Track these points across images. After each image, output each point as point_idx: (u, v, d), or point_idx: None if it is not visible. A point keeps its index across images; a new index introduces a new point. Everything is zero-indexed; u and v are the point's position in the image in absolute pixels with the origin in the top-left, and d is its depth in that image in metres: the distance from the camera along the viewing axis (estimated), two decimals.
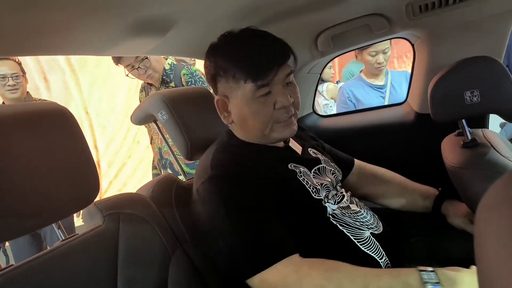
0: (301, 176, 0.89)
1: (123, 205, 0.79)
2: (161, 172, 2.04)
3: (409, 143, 1.45)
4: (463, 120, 0.95)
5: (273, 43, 0.85)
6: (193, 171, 1.88)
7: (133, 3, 0.70)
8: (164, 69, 1.87)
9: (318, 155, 1.02)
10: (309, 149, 1.03)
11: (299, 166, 0.91)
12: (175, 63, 1.90)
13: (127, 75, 1.86)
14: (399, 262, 0.88)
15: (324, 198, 0.88)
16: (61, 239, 0.71)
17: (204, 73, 1.84)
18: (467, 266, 0.85)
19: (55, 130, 0.66)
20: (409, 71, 1.53)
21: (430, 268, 0.69)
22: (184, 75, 1.83)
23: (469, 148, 0.94)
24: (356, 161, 1.22)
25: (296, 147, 1.00)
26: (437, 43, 1.25)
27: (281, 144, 0.98)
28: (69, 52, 0.91)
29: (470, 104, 0.88)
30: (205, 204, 0.81)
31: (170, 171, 1.95)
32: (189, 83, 1.81)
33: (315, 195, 0.87)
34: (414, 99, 1.42)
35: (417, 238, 1.16)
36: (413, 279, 0.68)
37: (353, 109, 2.16)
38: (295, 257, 0.75)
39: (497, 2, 1.08)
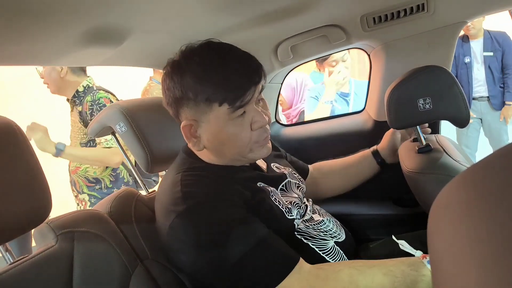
0: (273, 196, 0.86)
1: (78, 223, 0.75)
2: None
3: None
4: (418, 127, 0.99)
5: (247, 60, 0.79)
6: (94, 193, 1.83)
7: (85, 11, 0.68)
8: (77, 91, 1.78)
9: (282, 170, 1.01)
10: (272, 164, 1.02)
11: (267, 186, 0.88)
12: (90, 85, 1.80)
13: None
14: None
15: (295, 216, 0.87)
16: (8, 263, 0.66)
17: (110, 100, 1.78)
18: None
19: (1, 145, 0.62)
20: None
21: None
22: (87, 102, 1.73)
23: (424, 153, 0.98)
24: (310, 168, 1.25)
25: (262, 163, 0.98)
26: (391, 53, 1.31)
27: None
28: (15, 62, 0.86)
29: (423, 111, 0.92)
30: (189, 239, 0.73)
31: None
32: (91, 111, 1.71)
33: (288, 216, 0.85)
34: (372, 107, 1.47)
35: (376, 243, 1.19)
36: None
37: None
38: (303, 266, 0.73)
39: (442, 17, 1.15)
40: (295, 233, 0.86)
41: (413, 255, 0.76)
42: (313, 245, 0.85)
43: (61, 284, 0.66)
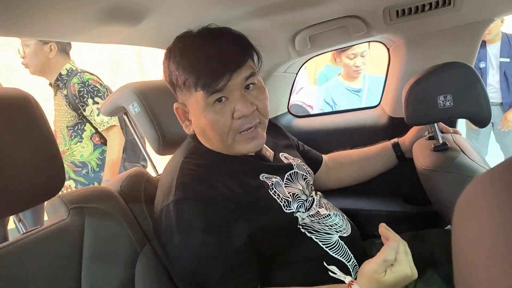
0: (273, 189, 0.85)
1: (89, 199, 0.75)
2: None
3: None
4: (436, 124, 0.97)
5: (227, 45, 0.76)
6: (81, 179, 1.82)
7: None
8: (60, 74, 1.77)
9: (290, 160, 1.00)
10: (280, 154, 1.00)
11: (271, 176, 0.87)
12: (74, 68, 1.78)
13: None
14: None
15: (295, 209, 0.86)
16: (21, 232, 0.66)
17: (98, 81, 1.75)
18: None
19: (18, 117, 0.62)
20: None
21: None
22: (74, 84, 1.70)
23: (440, 151, 0.96)
24: (324, 158, 1.25)
25: (268, 152, 0.96)
26: (412, 48, 1.28)
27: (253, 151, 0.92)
28: (32, 35, 0.86)
29: (443, 109, 0.89)
30: (169, 228, 0.75)
31: None
32: (81, 93, 1.70)
33: (286, 209, 0.84)
34: (387, 103, 1.45)
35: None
36: None
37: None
38: None
39: (469, 13, 1.11)
40: (299, 226, 0.85)
41: (343, 281, 0.74)
42: (316, 238, 0.84)
43: (71, 257, 0.66)
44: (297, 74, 1.67)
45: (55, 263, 0.64)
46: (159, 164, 1.03)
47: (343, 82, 2.22)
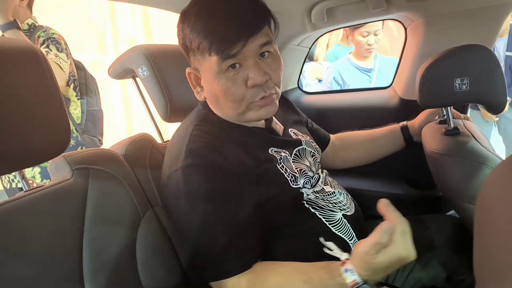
0: (281, 163, 0.84)
1: (94, 160, 0.74)
2: None
3: None
4: (449, 108, 0.95)
5: (244, 10, 0.73)
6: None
7: None
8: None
9: (299, 136, 0.99)
10: (290, 129, 1.00)
11: (280, 150, 0.87)
12: (37, 25, 1.67)
13: None
14: None
15: (302, 185, 0.85)
16: (24, 190, 0.66)
17: (63, 38, 1.64)
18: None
19: (25, 70, 0.60)
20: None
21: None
22: (39, 37, 1.60)
23: (451, 136, 0.94)
24: (331, 137, 1.24)
25: (278, 126, 0.95)
26: (431, 28, 1.24)
27: (262, 123, 0.91)
28: None
29: (459, 92, 0.87)
30: (179, 193, 0.75)
31: None
32: (46, 45, 1.58)
33: (293, 184, 0.83)
34: (400, 84, 1.42)
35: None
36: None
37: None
38: (254, 268, 0.74)
39: None
40: (303, 202, 0.85)
41: (339, 259, 0.72)
42: (320, 215, 0.85)
43: (73, 217, 0.66)
44: (310, 48, 1.62)
45: (57, 221, 0.64)
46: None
47: (353, 60, 2.18)
